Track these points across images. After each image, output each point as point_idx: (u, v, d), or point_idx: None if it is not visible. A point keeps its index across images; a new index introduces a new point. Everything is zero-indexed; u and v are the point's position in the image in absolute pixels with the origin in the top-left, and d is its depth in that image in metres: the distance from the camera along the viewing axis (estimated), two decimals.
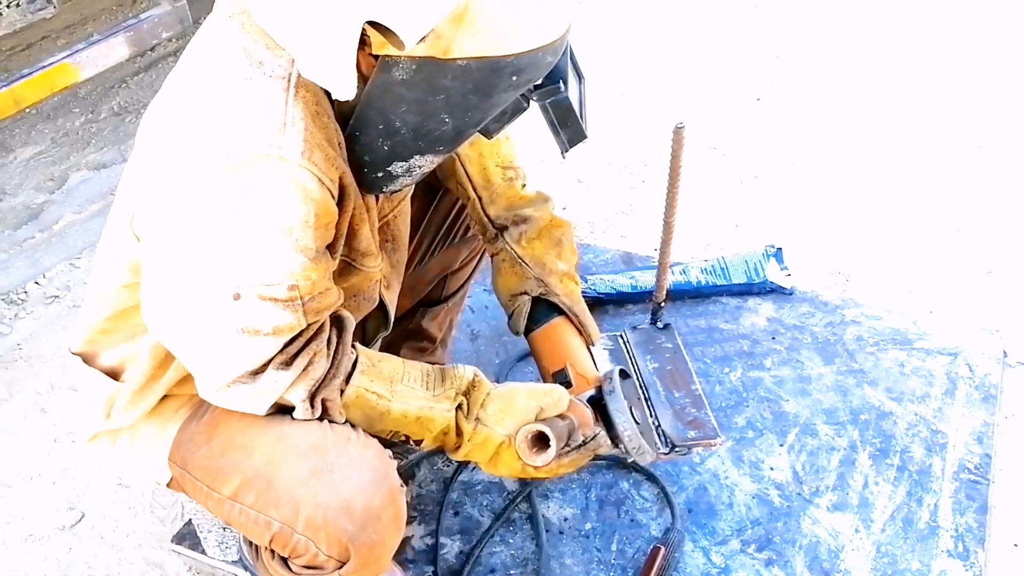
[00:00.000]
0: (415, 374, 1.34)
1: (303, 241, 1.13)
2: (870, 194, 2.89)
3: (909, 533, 1.78)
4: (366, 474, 1.26)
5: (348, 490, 1.24)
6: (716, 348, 2.24)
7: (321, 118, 1.13)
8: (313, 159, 1.10)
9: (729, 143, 3.23)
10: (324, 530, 1.25)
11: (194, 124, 1.12)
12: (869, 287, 2.44)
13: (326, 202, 1.14)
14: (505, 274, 1.61)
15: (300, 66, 1.08)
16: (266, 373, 1.20)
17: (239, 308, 1.14)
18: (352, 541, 1.25)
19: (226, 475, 1.30)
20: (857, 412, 2.04)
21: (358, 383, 1.28)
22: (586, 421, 1.43)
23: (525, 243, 1.59)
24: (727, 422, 2.03)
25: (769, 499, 1.87)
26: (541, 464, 1.32)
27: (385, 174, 1.21)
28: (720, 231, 2.72)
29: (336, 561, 1.28)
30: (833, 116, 3.39)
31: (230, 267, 1.13)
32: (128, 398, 1.36)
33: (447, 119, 1.13)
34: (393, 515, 1.29)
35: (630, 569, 1.75)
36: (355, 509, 1.24)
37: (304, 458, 1.25)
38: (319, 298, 1.19)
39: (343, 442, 1.28)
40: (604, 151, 3.23)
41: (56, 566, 1.88)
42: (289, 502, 1.26)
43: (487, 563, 1.79)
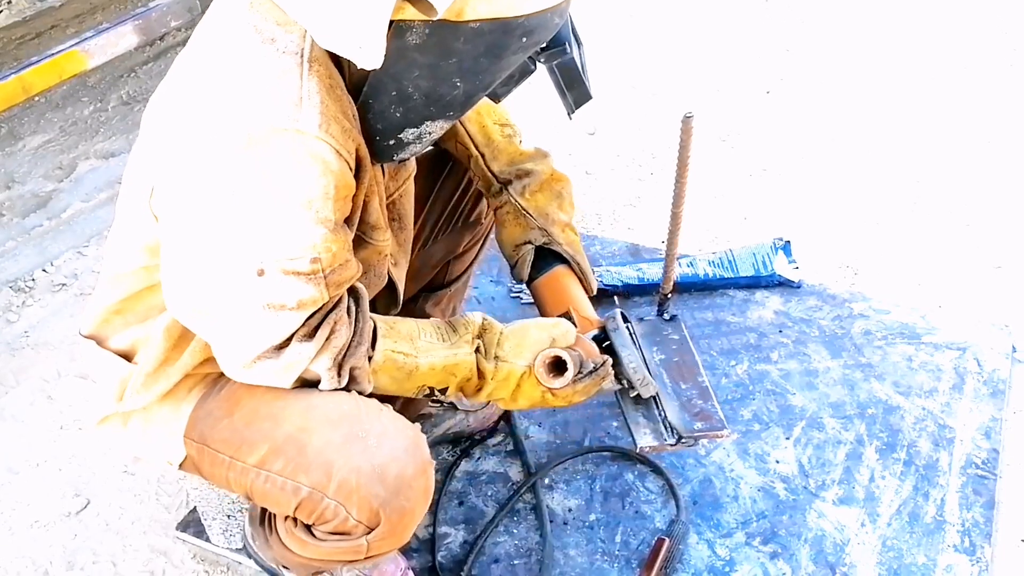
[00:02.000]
0: (429, 330, 1.37)
1: (323, 213, 1.14)
2: (879, 188, 2.88)
3: (915, 528, 1.78)
4: (400, 442, 1.28)
5: (382, 456, 1.26)
6: (723, 341, 2.23)
7: (335, 91, 1.14)
8: (330, 131, 1.11)
9: (738, 135, 3.21)
10: (356, 494, 1.26)
11: (211, 102, 1.12)
12: (877, 281, 2.43)
13: (344, 174, 1.15)
14: (509, 226, 1.64)
15: (318, 38, 1.08)
16: (290, 346, 1.21)
17: (263, 284, 1.15)
18: (383, 507, 1.27)
19: (252, 444, 1.31)
20: (864, 406, 2.04)
21: (384, 346, 1.31)
22: (592, 353, 1.48)
23: (528, 195, 1.63)
24: (733, 415, 2.02)
25: (775, 492, 1.86)
26: (560, 386, 1.39)
27: (396, 141, 1.23)
28: (728, 224, 2.71)
29: (365, 527, 1.29)
30: (843, 109, 3.37)
31: (253, 243, 1.14)
32: (141, 380, 1.36)
33: (458, 83, 1.15)
34: (424, 486, 1.31)
35: (634, 561, 1.75)
36: (388, 475, 1.26)
37: (337, 425, 1.27)
38: (340, 270, 1.20)
39: (375, 412, 1.30)
40: (612, 143, 3.22)
41: (61, 552, 1.88)
42: (322, 466, 1.27)
43: (491, 553, 1.79)
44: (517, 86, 1.31)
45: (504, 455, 1.98)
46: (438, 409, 1.93)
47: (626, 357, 1.51)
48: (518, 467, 1.95)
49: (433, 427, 1.93)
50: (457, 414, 1.95)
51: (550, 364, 1.40)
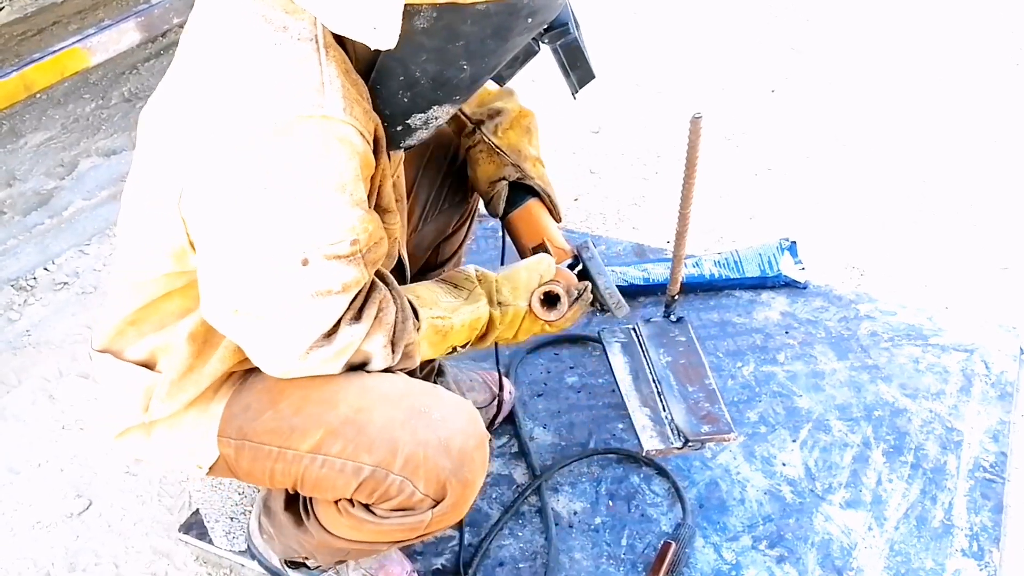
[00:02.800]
0: (441, 292, 1.44)
1: (357, 195, 1.15)
2: (886, 188, 2.86)
3: (923, 531, 1.76)
4: (462, 416, 1.32)
5: (447, 429, 1.29)
6: (729, 342, 2.22)
7: (351, 75, 1.14)
8: (354, 114, 1.12)
9: (743, 135, 3.20)
10: (424, 467, 1.28)
11: (232, 97, 1.11)
12: (884, 282, 2.42)
13: (368, 155, 1.16)
14: (484, 163, 1.69)
15: (329, 23, 1.08)
16: (340, 331, 1.22)
17: (309, 272, 1.15)
18: (450, 478, 1.29)
19: (304, 431, 1.30)
20: (871, 408, 2.02)
21: (425, 315, 1.36)
22: (572, 281, 1.58)
23: (500, 133, 1.68)
24: (739, 417, 2.01)
25: (781, 495, 1.85)
26: (556, 318, 1.51)
27: (404, 127, 1.24)
28: (734, 224, 2.70)
29: (432, 500, 1.31)
30: (849, 109, 3.36)
31: (293, 234, 1.13)
32: (167, 389, 1.34)
33: (465, 66, 1.15)
34: (483, 458, 1.34)
35: (640, 564, 1.74)
36: (453, 448, 1.29)
37: (397, 403, 1.30)
38: (375, 248, 1.22)
39: (432, 389, 1.35)
40: (617, 142, 3.20)
41: (63, 553, 1.87)
42: (386, 443, 1.28)
43: (496, 556, 1.77)
44: (521, 68, 1.32)
45: (509, 457, 1.97)
46: None
47: (601, 283, 1.62)
48: (523, 469, 1.94)
49: None
50: None
51: (542, 299, 1.52)
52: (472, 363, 2.18)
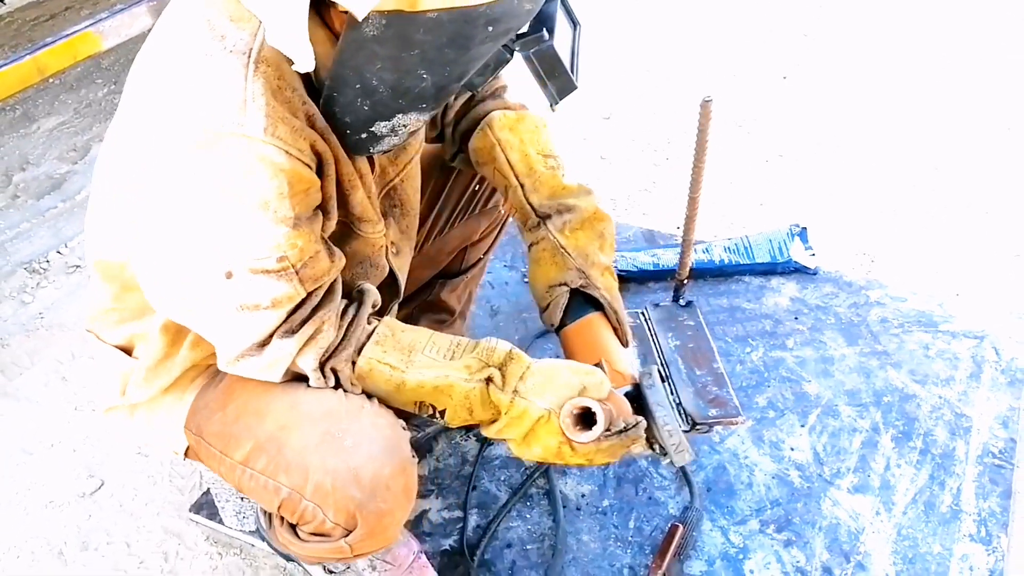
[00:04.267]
0: (441, 344, 1.30)
1: (281, 212, 1.11)
2: (897, 174, 2.85)
3: (931, 516, 1.76)
4: (377, 442, 1.24)
5: (358, 457, 1.23)
6: (738, 327, 2.22)
7: (284, 92, 1.10)
8: (277, 133, 1.08)
9: (754, 121, 3.19)
10: (332, 497, 1.24)
11: (160, 105, 1.10)
12: (894, 268, 2.41)
13: (299, 170, 1.11)
14: (545, 264, 1.52)
15: (267, 34, 1.05)
16: (272, 343, 1.20)
17: (234, 286, 1.13)
18: (360, 509, 1.24)
19: (238, 440, 1.30)
20: (880, 394, 2.02)
21: (369, 354, 1.26)
22: (624, 411, 1.34)
23: (569, 232, 1.50)
24: (748, 402, 2.01)
25: (789, 480, 1.85)
26: (585, 440, 1.22)
27: (369, 135, 1.19)
28: (744, 210, 2.69)
29: (343, 529, 1.28)
30: (860, 95, 3.34)
31: (216, 248, 1.12)
32: (142, 375, 1.36)
33: (425, 75, 1.09)
34: (403, 486, 1.27)
35: (647, 547, 1.74)
36: (364, 477, 1.23)
37: (316, 424, 1.25)
38: (312, 264, 1.17)
39: (356, 410, 1.26)
40: (627, 128, 3.20)
41: (76, 533, 1.89)
42: (299, 467, 1.25)
43: (504, 537, 1.78)
44: (494, 75, 1.22)
45: None
46: None
47: (661, 418, 1.34)
48: None
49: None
50: None
51: (577, 415, 1.25)
52: None
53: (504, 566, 1.74)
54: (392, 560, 1.64)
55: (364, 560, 1.63)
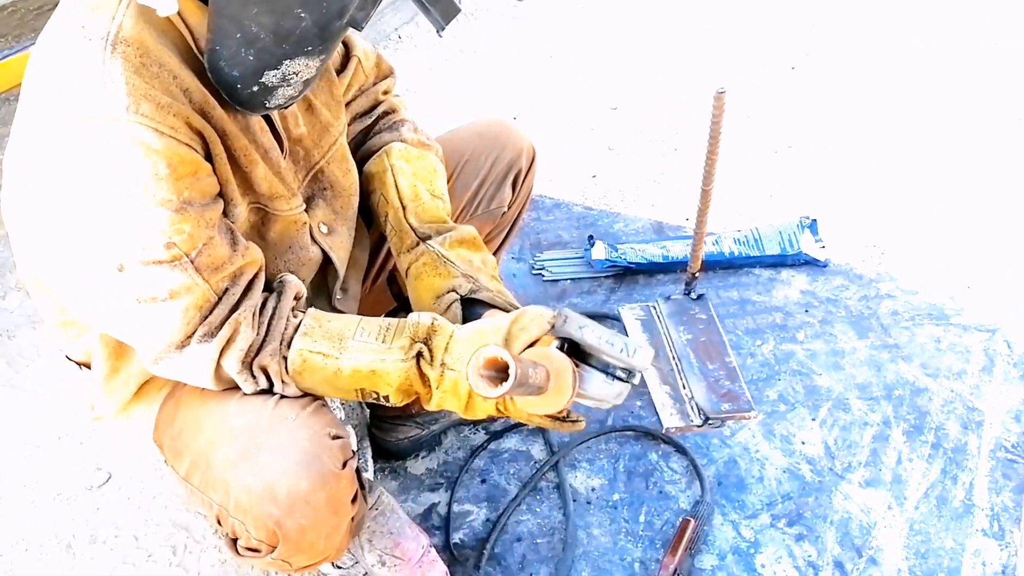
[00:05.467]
0: (371, 328, 1.24)
1: (160, 195, 1.08)
2: (907, 165, 2.83)
3: (943, 511, 1.75)
4: (292, 456, 1.20)
5: (272, 473, 1.19)
6: (748, 320, 2.21)
7: (148, 69, 1.08)
8: (141, 111, 1.05)
9: (763, 112, 3.17)
10: (251, 514, 1.22)
11: (29, 102, 1.09)
12: (905, 260, 2.39)
13: (176, 150, 1.08)
14: (428, 276, 1.42)
15: None
16: (189, 346, 1.16)
17: (127, 279, 1.10)
18: (279, 526, 1.21)
19: (181, 455, 1.29)
20: (891, 388, 2.01)
21: (299, 346, 1.21)
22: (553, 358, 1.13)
23: (449, 245, 1.44)
24: (759, 395, 2.00)
25: (800, 474, 1.84)
26: (494, 396, 0.98)
27: (261, 87, 1.14)
28: (754, 201, 2.67)
29: (267, 545, 1.26)
30: (870, 85, 3.32)
31: (100, 240, 1.09)
32: (100, 391, 1.34)
33: (303, 14, 1.06)
34: (326, 499, 1.22)
35: (658, 541, 1.73)
36: (279, 493, 1.19)
37: (236, 439, 1.22)
38: (207, 252, 1.13)
39: (277, 423, 1.22)
40: (635, 118, 3.18)
41: (84, 526, 1.88)
42: (222, 484, 1.23)
43: (513, 531, 1.78)
44: (375, 8, 1.17)
45: (526, 433, 1.96)
46: None
47: (596, 339, 1.13)
48: (541, 445, 1.94)
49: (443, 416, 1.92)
50: None
51: (488, 366, 1.00)
52: None
53: (514, 560, 1.73)
54: (401, 555, 1.63)
55: (373, 555, 1.62)
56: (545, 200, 2.69)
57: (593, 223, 2.59)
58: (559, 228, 2.57)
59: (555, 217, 2.62)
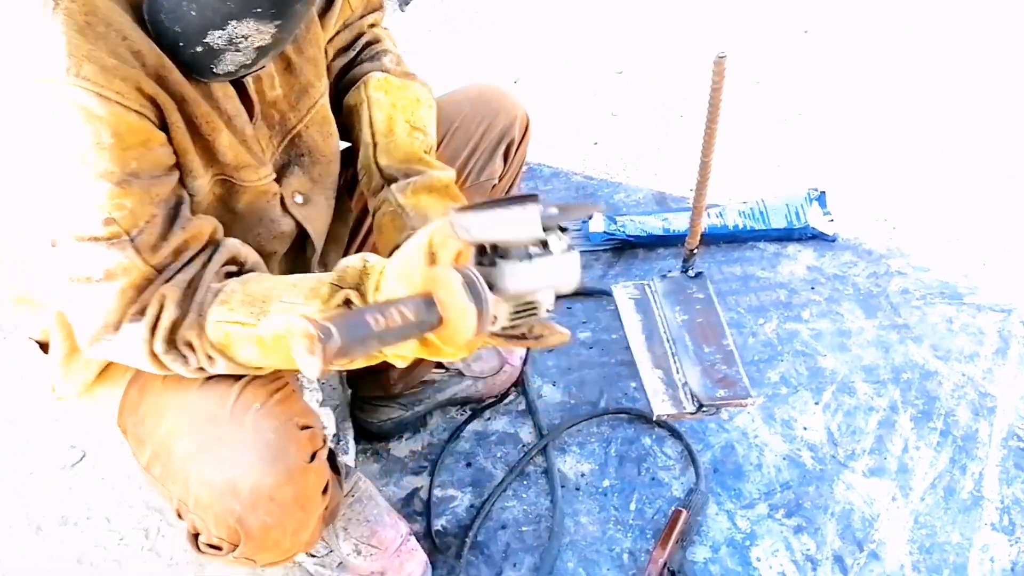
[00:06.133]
0: (304, 284, 1.07)
1: (101, 165, 0.98)
2: (922, 135, 2.70)
3: (950, 503, 1.67)
4: (255, 450, 1.13)
5: (235, 467, 1.12)
6: (751, 297, 2.11)
7: (95, 27, 0.98)
8: (83, 73, 0.96)
9: (773, 77, 3.04)
10: (211, 510, 1.15)
11: None
12: (917, 235, 2.28)
13: (123, 117, 0.99)
14: (387, 231, 1.31)
15: None
16: (122, 327, 1.06)
17: (61, 255, 1.02)
18: (240, 523, 1.14)
19: (143, 443, 1.21)
20: (899, 370, 1.91)
21: (216, 317, 1.06)
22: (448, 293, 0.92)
23: (411, 192, 1.30)
24: (759, 377, 1.91)
25: (801, 461, 1.75)
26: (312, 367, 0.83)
27: (206, 48, 1.04)
28: (761, 171, 2.56)
29: (228, 543, 1.19)
30: (885, 51, 3.18)
31: (36, 213, 1.02)
32: (60, 372, 1.26)
33: None
34: (292, 495, 1.16)
35: (649, 530, 1.66)
36: (242, 489, 1.12)
37: (197, 430, 1.14)
38: (149, 230, 1.03)
39: (241, 411, 1.15)
40: (641, 83, 3.05)
41: (56, 507, 1.82)
42: (182, 478, 1.16)
43: (499, 518, 1.70)
44: None
45: (515, 415, 1.89)
46: (442, 374, 1.83)
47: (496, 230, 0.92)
48: (529, 428, 1.86)
49: (436, 392, 1.84)
50: (464, 380, 1.85)
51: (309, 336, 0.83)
52: None
53: (498, 549, 1.65)
54: (378, 544, 1.56)
55: (349, 544, 1.56)
56: (544, 169, 2.59)
57: (593, 193, 2.49)
58: (557, 198, 2.47)
59: (553, 187, 2.52)
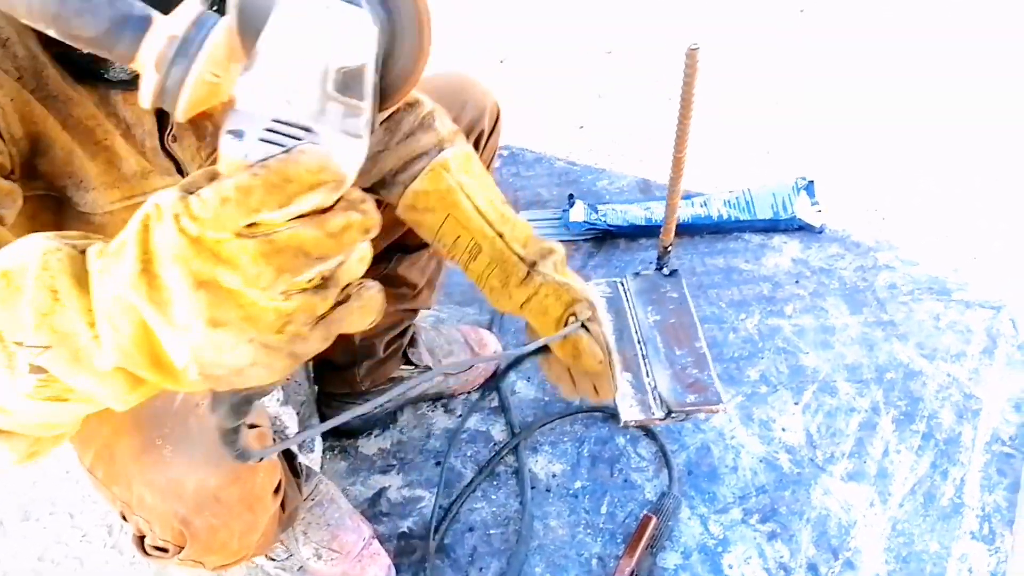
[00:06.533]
0: None
1: None
2: (916, 124, 2.63)
3: (930, 510, 1.62)
4: (200, 449, 1.09)
5: (178, 468, 1.08)
6: (733, 291, 2.06)
7: None
8: None
9: (766, 58, 2.96)
10: (155, 511, 1.10)
11: None
12: (907, 227, 2.22)
13: None
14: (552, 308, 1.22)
15: None
16: None
17: None
18: (185, 525, 1.10)
19: (86, 444, 1.14)
20: (883, 369, 1.86)
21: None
22: None
23: (560, 268, 1.24)
24: (738, 375, 1.86)
25: (778, 464, 1.71)
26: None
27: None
28: (749, 158, 2.49)
29: (174, 545, 1.14)
30: (883, 34, 3.09)
31: None
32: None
33: None
34: (239, 496, 1.13)
35: (619, 535, 1.62)
36: (186, 489, 1.09)
37: (141, 429, 1.09)
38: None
39: (187, 409, 1.10)
40: (630, 64, 2.98)
41: (18, 502, 1.78)
42: (125, 479, 1.10)
43: (466, 520, 1.66)
44: None
45: (487, 412, 1.84)
46: (411, 371, 1.78)
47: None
48: (502, 425, 1.81)
49: (408, 389, 1.79)
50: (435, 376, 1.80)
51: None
52: (458, 308, 2.04)
53: (464, 552, 1.61)
54: (339, 548, 1.53)
55: (309, 549, 1.52)
56: (526, 153, 2.53)
57: (576, 180, 2.42)
58: (539, 185, 2.41)
59: (535, 172, 2.46)
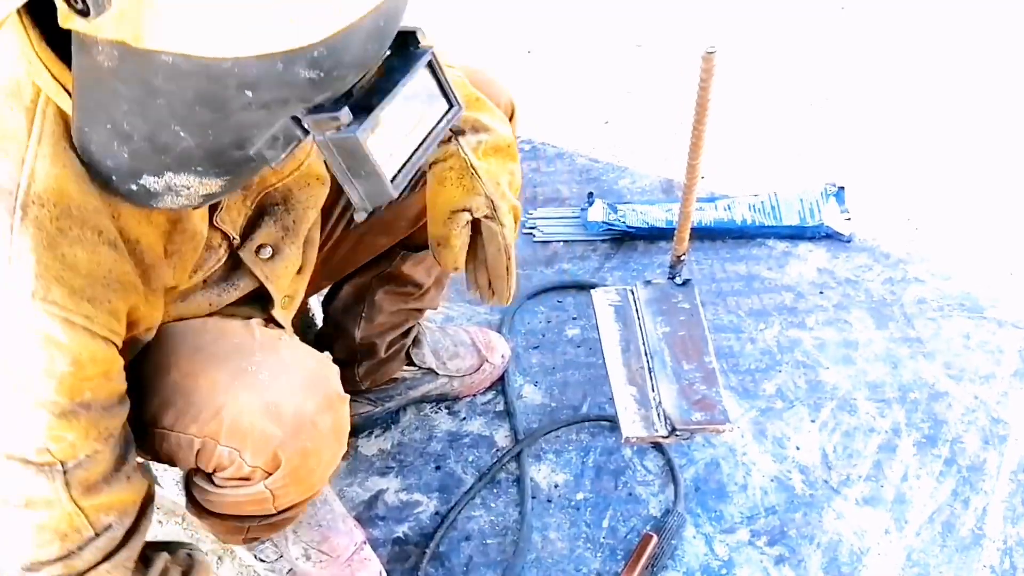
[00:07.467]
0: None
1: (45, 396, 0.89)
2: (956, 130, 2.52)
3: (948, 540, 1.54)
4: (298, 374, 1.10)
5: (276, 391, 1.08)
6: (754, 299, 1.98)
7: (68, 233, 0.87)
8: (50, 297, 0.86)
9: (803, 57, 2.86)
10: (249, 436, 1.08)
11: None
12: (941, 239, 2.12)
13: (88, 345, 0.90)
14: (451, 185, 1.22)
15: None
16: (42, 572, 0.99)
17: None
18: (282, 448, 1.09)
19: (139, 400, 1.11)
20: (906, 389, 1.78)
21: None
22: None
23: (482, 154, 1.23)
24: (754, 388, 1.79)
25: (790, 484, 1.64)
26: None
27: (141, 188, 0.89)
28: (778, 160, 2.41)
29: (263, 471, 1.12)
30: (925, 33, 2.98)
31: None
32: None
33: (182, 133, 0.81)
34: (332, 424, 1.13)
35: (620, 551, 1.56)
36: (285, 412, 1.08)
37: (224, 363, 1.09)
38: (89, 465, 0.95)
39: (272, 341, 1.13)
40: (660, 58, 2.90)
41: None
42: (210, 412, 1.09)
43: (463, 528, 1.61)
44: (287, 152, 0.83)
45: (492, 416, 1.79)
46: (413, 372, 1.73)
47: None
48: (506, 431, 1.76)
49: (408, 389, 1.74)
50: (439, 378, 1.75)
51: None
52: (468, 307, 1.99)
53: (459, 561, 1.57)
54: (329, 551, 1.48)
55: (298, 548, 1.48)
56: (548, 149, 2.46)
57: (597, 178, 2.36)
58: (559, 182, 2.34)
59: (556, 169, 2.39)
